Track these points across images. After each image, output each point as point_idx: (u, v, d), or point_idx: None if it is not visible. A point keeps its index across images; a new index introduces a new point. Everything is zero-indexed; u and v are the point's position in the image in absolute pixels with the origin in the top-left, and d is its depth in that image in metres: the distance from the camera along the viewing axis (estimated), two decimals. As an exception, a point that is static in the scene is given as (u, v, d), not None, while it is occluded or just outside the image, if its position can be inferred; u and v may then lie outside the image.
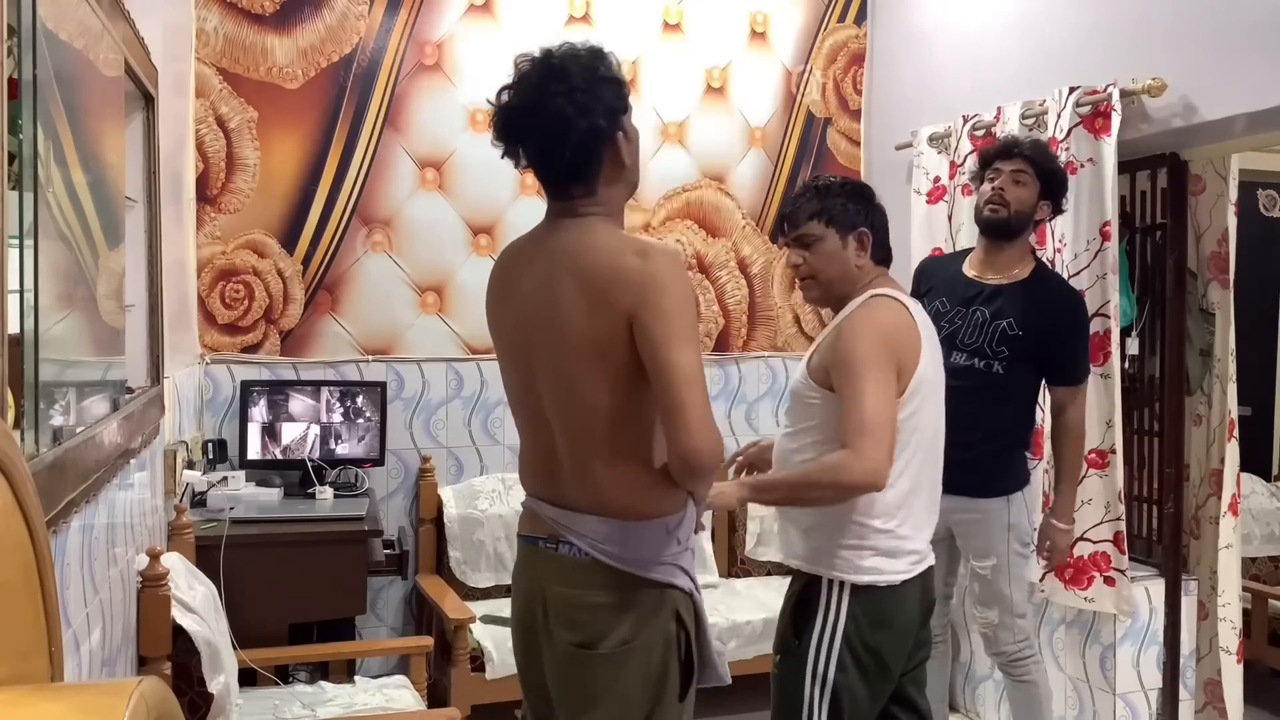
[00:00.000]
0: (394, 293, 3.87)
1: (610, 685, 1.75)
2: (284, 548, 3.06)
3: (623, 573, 1.74)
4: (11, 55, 1.29)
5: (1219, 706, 3.20)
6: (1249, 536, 4.05)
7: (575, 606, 1.76)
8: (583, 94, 1.69)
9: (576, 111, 1.69)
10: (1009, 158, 2.77)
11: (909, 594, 2.13)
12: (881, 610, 2.11)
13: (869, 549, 2.09)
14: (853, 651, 2.09)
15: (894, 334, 2.08)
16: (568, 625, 1.77)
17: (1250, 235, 3.60)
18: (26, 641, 0.84)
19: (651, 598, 1.75)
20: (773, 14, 4.30)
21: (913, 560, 2.13)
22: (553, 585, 1.79)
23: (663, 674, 1.76)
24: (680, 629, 1.78)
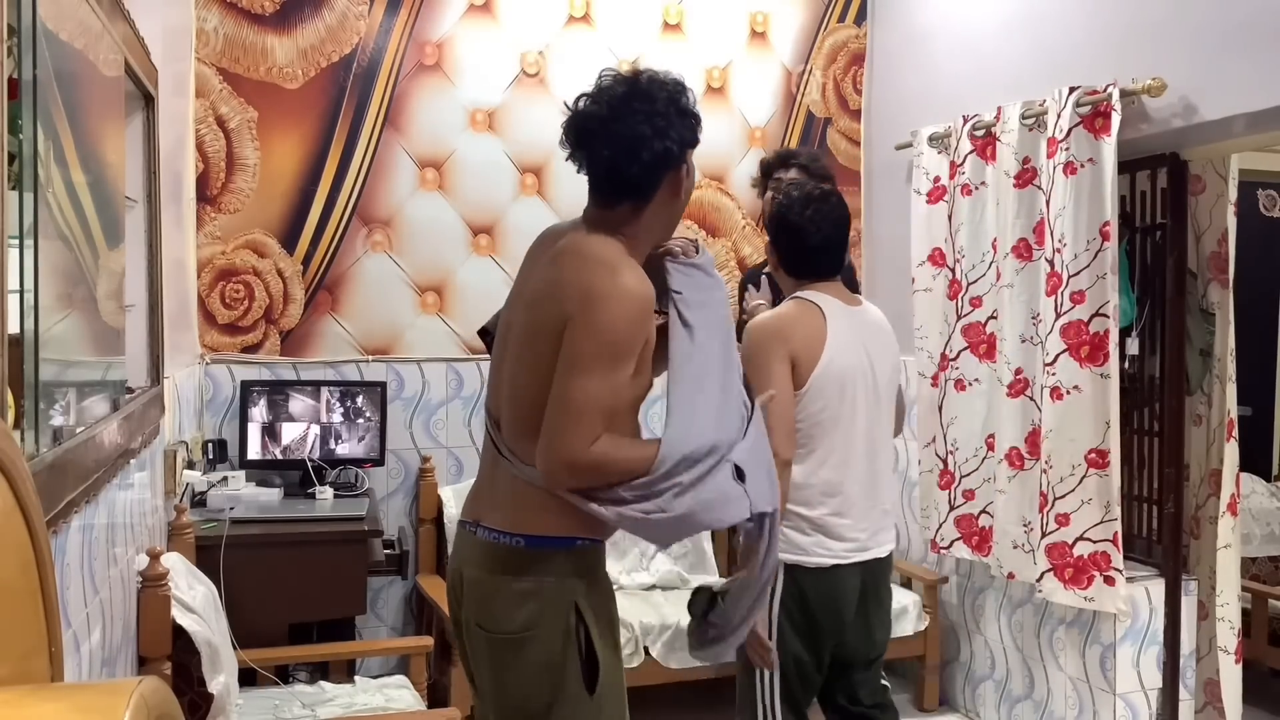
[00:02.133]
0: (394, 293, 3.87)
1: (510, 669, 1.81)
2: (284, 548, 3.06)
3: (527, 560, 1.78)
4: (11, 55, 1.29)
5: (1219, 706, 3.20)
6: (1249, 536, 4.05)
7: (482, 588, 1.83)
8: (662, 119, 1.77)
9: (654, 133, 1.76)
10: (789, 167, 2.94)
11: (842, 580, 2.33)
12: (814, 587, 2.32)
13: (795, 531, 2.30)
14: (792, 623, 2.32)
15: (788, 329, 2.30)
16: (475, 606, 1.84)
17: (1250, 235, 3.60)
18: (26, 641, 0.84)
19: (551, 587, 1.78)
20: (773, 14, 4.30)
21: (850, 548, 2.33)
22: (468, 567, 1.86)
23: (558, 664, 1.78)
24: (580, 622, 1.79)
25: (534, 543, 1.79)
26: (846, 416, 2.32)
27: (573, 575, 1.80)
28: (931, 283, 3.73)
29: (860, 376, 2.34)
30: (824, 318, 2.33)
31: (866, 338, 2.37)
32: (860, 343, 2.35)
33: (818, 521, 2.32)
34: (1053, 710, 3.33)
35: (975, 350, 3.55)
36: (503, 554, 1.81)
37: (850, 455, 2.34)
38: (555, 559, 1.79)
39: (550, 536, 1.79)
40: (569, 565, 1.80)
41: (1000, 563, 3.38)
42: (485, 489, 1.90)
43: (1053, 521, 3.12)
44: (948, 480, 3.63)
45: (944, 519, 3.64)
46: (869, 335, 2.38)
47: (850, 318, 2.38)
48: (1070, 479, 3.09)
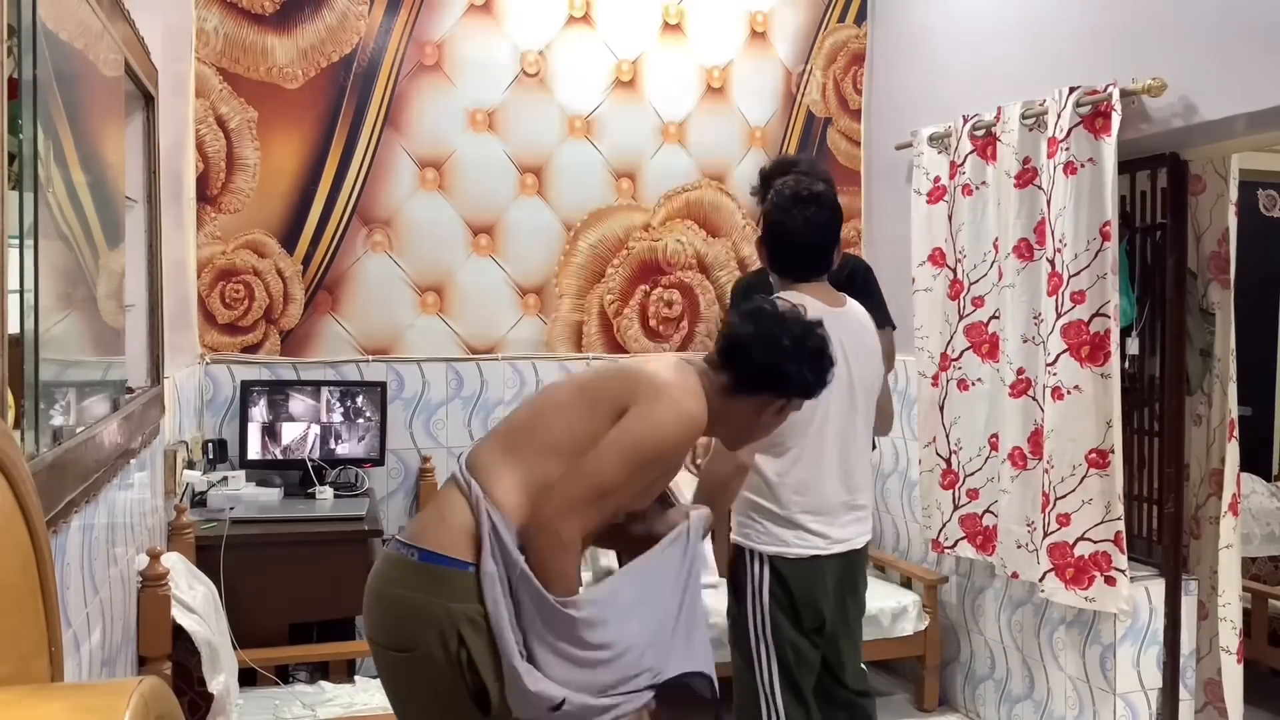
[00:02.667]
0: (394, 293, 3.87)
1: (401, 685, 1.80)
2: (284, 548, 3.06)
3: (418, 574, 1.76)
4: (11, 55, 1.29)
5: (1219, 706, 3.20)
6: (1249, 536, 4.05)
7: (375, 600, 1.83)
8: (808, 361, 1.97)
9: (790, 362, 1.95)
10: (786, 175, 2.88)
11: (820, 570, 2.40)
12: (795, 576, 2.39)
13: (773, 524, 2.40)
14: (782, 610, 2.39)
15: None
16: (369, 618, 1.85)
17: (1250, 235, 3.60)
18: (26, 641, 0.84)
19: (436, 606, 1.74)
20: (773, 14, 4.30)
21: (825, 541, 2.40)
22: (372, 577, 1.87)
23: (443, 685, 1.74)
24: (462, 648, 1.73)
25: (426, 557, 1.77)
26: (820, 417, 2.36)
27: (458, 597, 1.74)
28: (932, 283, 3.72)
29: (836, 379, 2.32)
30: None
31: (845, 339, 2.37)
32: (839, 345, 2.32)
33: (792, 519, 2.39)
34: (1053, 710, 3.33)
35: (978, 350, 3.55)
36: (399, 567, 1.80)
37: (822, 455, 2.40)
38: (445, 578, 1.75)
39: (443, 555, 1.76)
40: (456, 585, 1.74)
41: (1004, 562, 3.38)
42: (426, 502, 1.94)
43: (1054, 521, 3.12)
44: (951, 480, 3.63)
45: (948, 518, 3.64)
46: (847, 337, 2.39)
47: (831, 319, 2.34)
48: (1071, 479, 3.09)
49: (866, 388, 2.46)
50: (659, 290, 4.19)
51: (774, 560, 2.41)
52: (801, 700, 2.44)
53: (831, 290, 2.47)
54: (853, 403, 2.42)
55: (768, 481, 2.40)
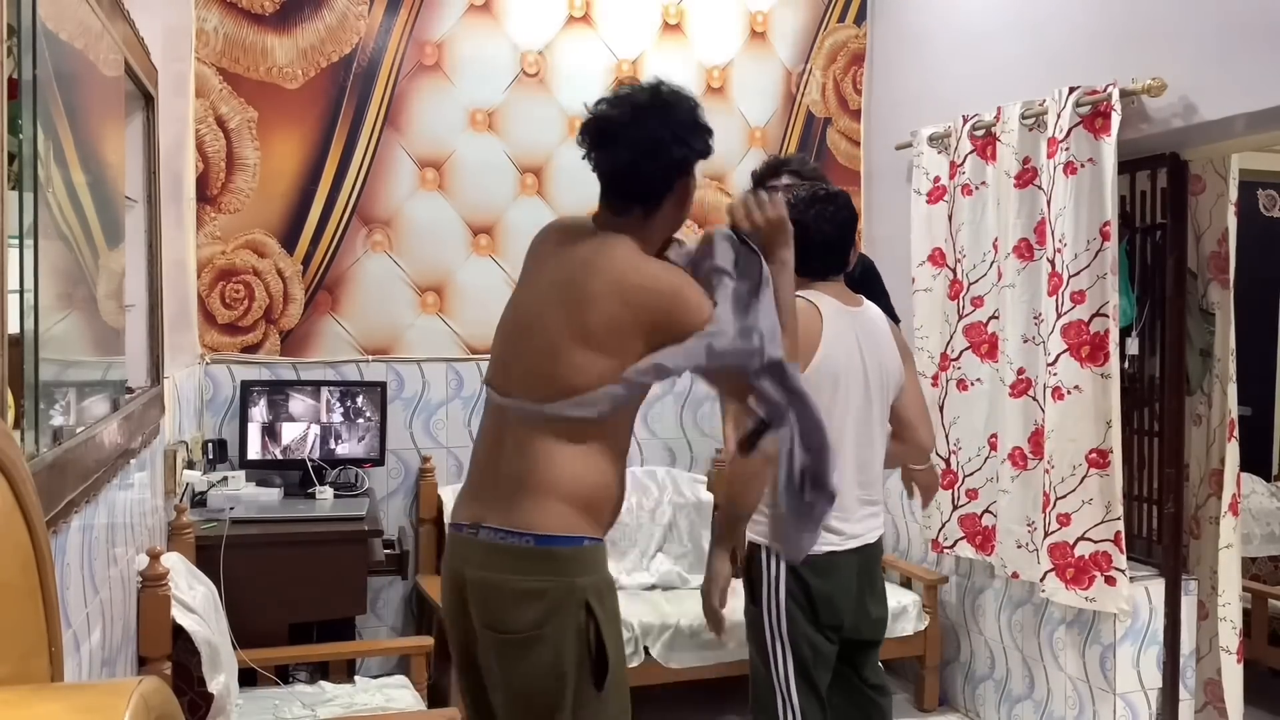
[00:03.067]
0: (394, 293, 3.87)
1: (519, 668, 1.82)
2: (284, 548, 3.06)
3: (537, 558, 1.80)
4: (11, 55, 1.29)
5: (1219, 706, 3.20)
6: (1249, 536, 4.05)
7: (490, 589, 1.84)
8: (683, 128, 1.85)
9: (673, 139, 1.84)
10: (778, 175, 2.92)
11: (841, 564, 2.41)
12: (813, 575, 2.38)
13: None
14: (800, 609, 2.39)
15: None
16: (483, 608, 1.85)
17: (1250, 235, 3.60)
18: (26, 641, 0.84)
19: (561, 586, 1.79)
20: (773, 14, 4.30)
21: (841, 538, 2.40)
22: (471, 569, 1.86)
23: (571, 661, 1.79)
24: (590, 619, 1.80)
25: (543, 541, 1.80)
26: (838, 414, 2.36)
27: (582, 573, 1.81)
28: (932, 283, 3.73)
29: (854, 375, 2.40)
30: (820, 317, 2.37)
31: (863, 337, 2.42)
32: (856, 343, 2.40)
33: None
34: (1053, 710, 3.33)
35: (977, 350, 3.55)
36: (511, 554, 1.81)
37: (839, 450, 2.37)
38: (564, 557, 1.80)
39: (558, 535, 1.80)
40: (578, 563, 1.81)
41: (1004, 562, 3.38)
42: (484, 488, 1.90)
43: (1054, 521, 3.12)
44: (950, 480, 3.63)
45: (947, 519, 3.64)
46: (866, 335, 2.43)
47: (848, 318, 2.42)
48: (1071, 479, 3.09)
49: (883, 385, 2.47)
50: (659, 290, 4.19)
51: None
52: (817, 696, 2.44)
53: (848, 290, 2.49)
54: (868, 399, 2.43)
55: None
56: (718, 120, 4.47)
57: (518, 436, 1.85)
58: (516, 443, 1.85)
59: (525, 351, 1.88)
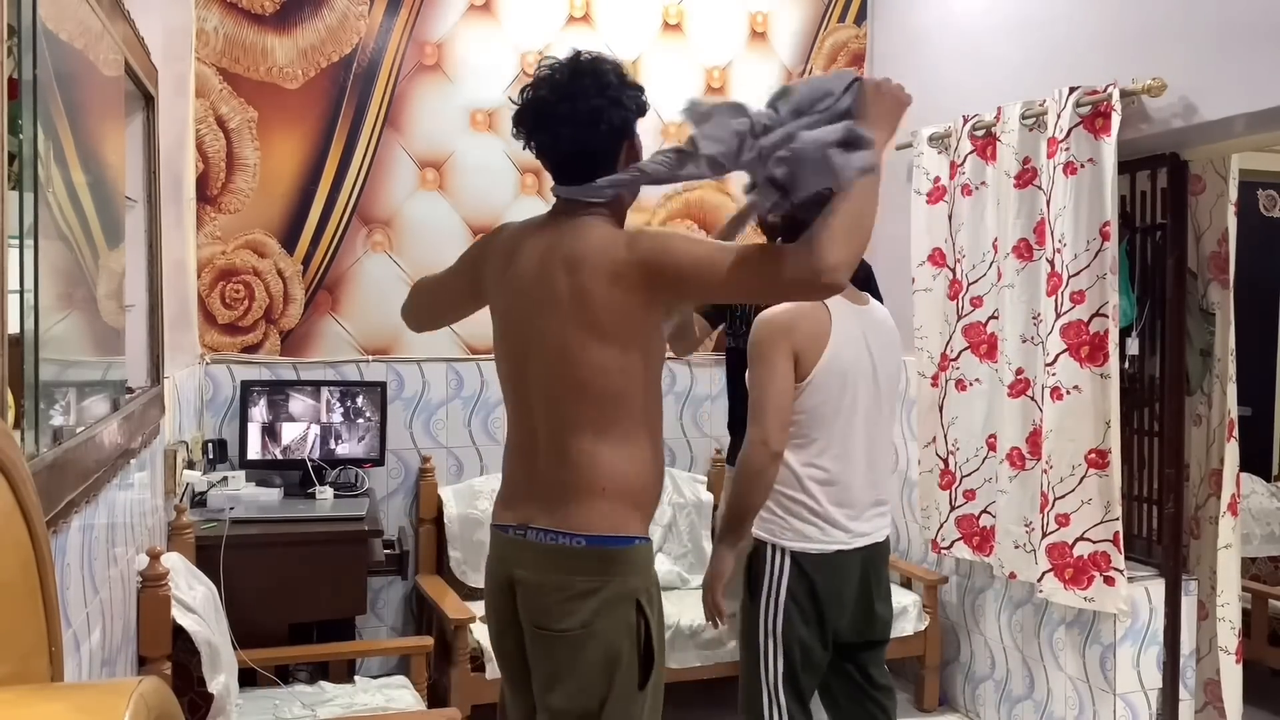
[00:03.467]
0: (394, 293, 3.86)
1: (570, 666, 1.81)
2: (284, 548, 3.06)
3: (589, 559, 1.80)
4: (11, 55, 1.29)
5: (1219, 706, 3.20)
6: (1249, 536, 4.05)
7: (541, 590, 1.83)
8: (614, 90, 1.85)
9: (609, 104, 1.83)
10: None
11: (845, 565, 2.40)
12: (819, 574, 2.38)
13: (797, 519, 2.38)
14: (799, 607, 2.38)
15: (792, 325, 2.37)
16: (534, 608, 1.84)
17: (1250, 235, 3.60)
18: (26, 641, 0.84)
19: (613, 585, 1.79)
20: (773, 14, 4.30)
21: (849, 536, 2.40)
22: (521, 570, 1.86)
23: (619, 660, 1.80)
24: (640, 618, 1.81)
25: (595, 542, 1.79)
26: (846, 411, 2.38)
27: (634, 573, 1.82)
28: (931, 283, 3.73)
29: (862, 373, 2.41)
30: (829, 315, 2.38)
31: (871, 336, 2.43)
32: (864, 340, 2.42)
33: (818, 510, 2.38)
34: (1053, 710, 3.33)
35: (976, 350, 3.55)
36: (563, 555, 1.80)
37: (849, 448, 2.41)
38: (616, 557, 1.80)
39: (610, 536, 1.80)
40: (630, 564, 1.81)
41: (1002, 563, 3.38)
42: (526, 490, 1.88)
43: (1053, 522, 3.12)
44: (949, 480, 3.63)
45: (945, 519, 3.64)
46: (873, 334, 2.45)
47: (856, 316, 2.44)
48: (1070, 479, 3.09)
49: (891, 383, 2.49)
50: (659, 290, 4.19)
51: (797, 556, 2.38)
52: (801, 702, 2.43)
53: (854, 289, 2.48)
54: (877, 397, 2.43)
55: (795, 474, 2.38)
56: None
57: (553, 441, 1.83)
58: (554, 447, 1.83)
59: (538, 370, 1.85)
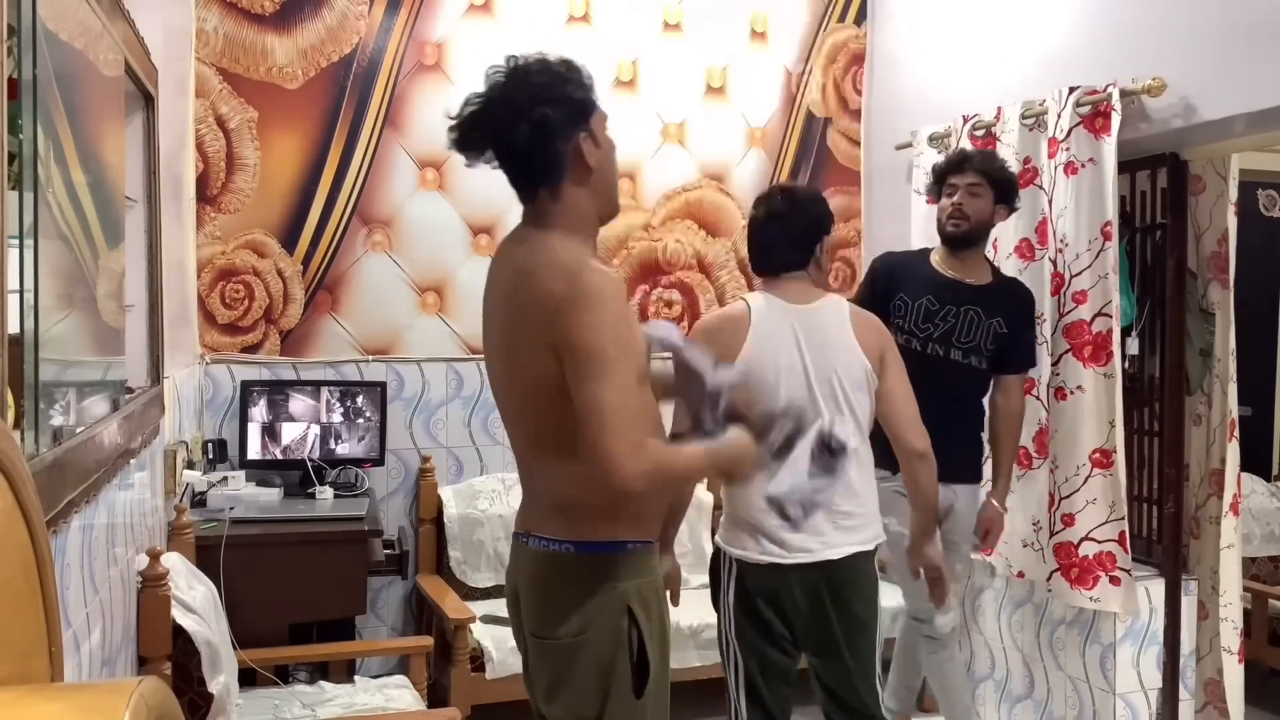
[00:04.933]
0: (394, 293, 3.87)
1: (565, 675, 1.81)
2: (284, 548, 3.06)
3: (579, 565, 1.79)
4: (11, 55, 1.29)
5: (1219, 706, 3.20)
6: (1249, 536, 4.05)
7: (535, 597, 1.84)
8: (541, 89, 1.72)
9: (531, 101, 1.71)
10: (962, 171, 2.95)
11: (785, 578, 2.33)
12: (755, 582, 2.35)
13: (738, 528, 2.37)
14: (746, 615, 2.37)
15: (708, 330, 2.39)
16: (530, 615, 1.86)
17: (1250, 235, 3.60)
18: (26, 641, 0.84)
19: (604, 592, 1.78)
20: (773, 14, 4.30)
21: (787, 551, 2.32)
22: (521, 577, 1.87)
23: (614, 669, 1.78)
24: (632, 625, 1.78)
25: (584, 548, 1.78)
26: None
27: (625, 579, 1.79)
28: (932, 283, 3.72)
29: (791, 376, 2.32)
30: (748, 316, 2.36)
31: (806, 335, 2.34)
32: (794, 340, 2.34)
33: (750, 521, 2.33)
34: (1053, 710, 3.33)
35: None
36: (555, 562, 1.80)
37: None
38: (607, 563, 1.78)
39: (600, 541, 1.78)
40: (621, 569, 1.79)
41: (1009, 562, 3.37)
42: (528, 500, 1.91)
43: (1059, 521, 3.12)
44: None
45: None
46: (810, 333, 2.35)
47: (791, 314, 2.36)
48: (1075, 479, 3.09)
49: (833, 382, 2.34)
50: (659, 290, 4.19)
51: (739, 564, 2.37)
52: (763, 709, 2.40)
53: (808, 286, 2.44)
54: (812, 396, 2.32)
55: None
56: (718, 120, 4.46)
57: (533, 454, 1.84)
58: (535, 460, 1.84)
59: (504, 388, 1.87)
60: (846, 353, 2.37)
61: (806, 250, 2.44)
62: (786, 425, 1.90)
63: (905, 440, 2.42)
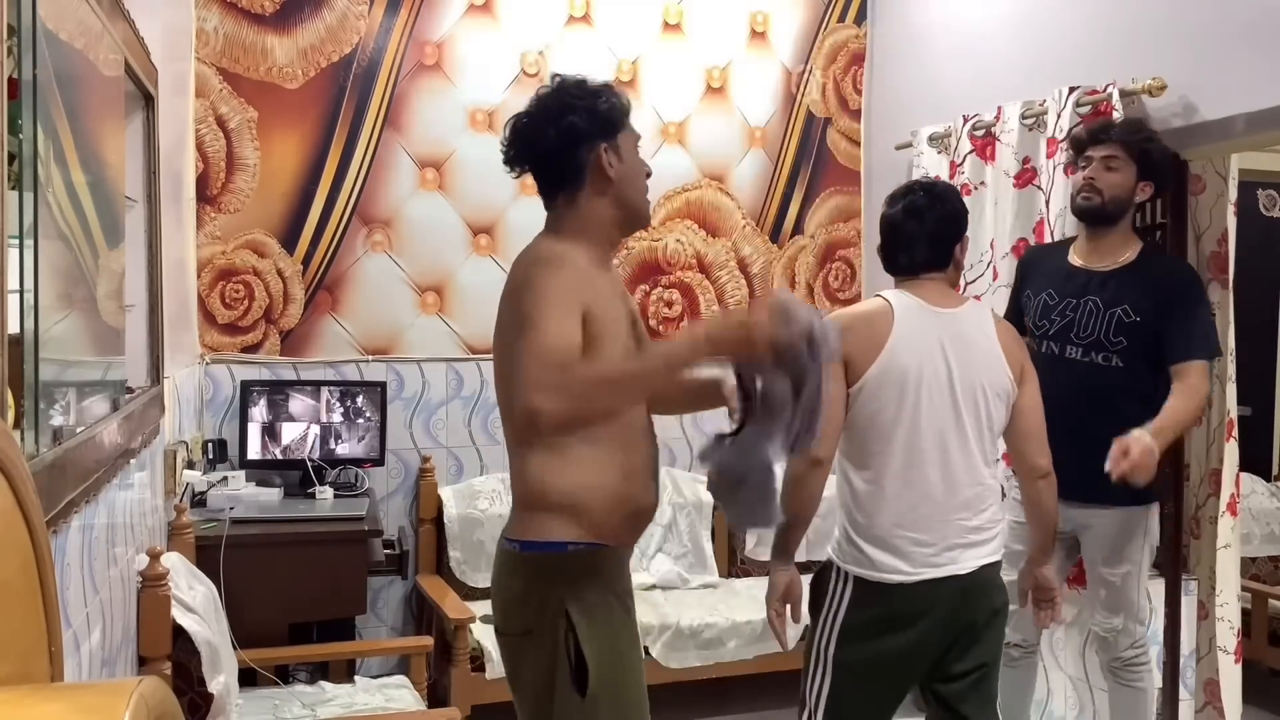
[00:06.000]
0: (394, 293, 3.87)
1: (518, 669, 1.90)
2: (284, 548, 3.06)
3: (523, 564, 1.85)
4: (11, 55, 1.29)
5: (1219, 706, 3.19)
6: (1249, 536, 4.05)
7: (495, 593, 1.93)
8: (572, 99, 1.86)
9: (560, 110, 1.85)
10: (1099, 143, 2.73)
11: (914, 596, 2.18)
12: (880, 604, 2.20)
13: (860, 541, 2.20)
14: (851, 636, 2.21)
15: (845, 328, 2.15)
16: (492, 610, 1.94)
17: (1250, 235, 3.60)
18: (26, 641, 0.84)
19: (542, 593, 1.83)
20: (773, 14, 4.30)
21: (914, 567, 2.17)
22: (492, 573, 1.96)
23: (554, 666, 1.82)
24: (570, 629, 1.80)
25: (527, 547, 1.84)
26: (908, 421, 2.17)
27: (562, 580, 1.81)
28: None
29: (931, 380, 2.18)
30: (891, 317, 2.21)
31: (950, 341, 2.21)
32: (939, 346, 2.20)
33: (881, 536, 2.19)
34: (1053, 710, 3.33)
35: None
36: (507, 560, 1.88)
37: (915, 466, 2.18)
38: (545, 563, 1.83)
39: (542, 541, 1.82)
40: (559, 571, 1.82)
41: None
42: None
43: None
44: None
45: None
46: (954, 339, 2.22)
47: (934, 318, 2.23)
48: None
49: (977, 394, 2.21)
50: (659, 290, 4.19)
51: (858, 581, 2.20)
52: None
53: (948, 289, 2.32)
54: (955, 408, 2.19)
55: (854, 491, 2.22)
56: (718, 120, 4.46)
57: (510, 457, 1.91)
58: (511, 461, 1.91)
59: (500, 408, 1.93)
60: (993, 363, 2.25)
61: (947, 249, 2.30)
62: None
63: (1029, 457, 2.29)
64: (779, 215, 4.35)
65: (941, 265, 2.30)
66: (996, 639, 2.31)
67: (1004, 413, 2.26)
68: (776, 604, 2.25)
